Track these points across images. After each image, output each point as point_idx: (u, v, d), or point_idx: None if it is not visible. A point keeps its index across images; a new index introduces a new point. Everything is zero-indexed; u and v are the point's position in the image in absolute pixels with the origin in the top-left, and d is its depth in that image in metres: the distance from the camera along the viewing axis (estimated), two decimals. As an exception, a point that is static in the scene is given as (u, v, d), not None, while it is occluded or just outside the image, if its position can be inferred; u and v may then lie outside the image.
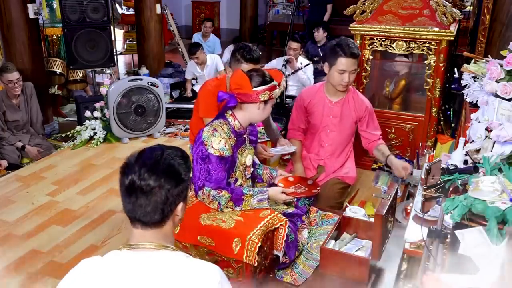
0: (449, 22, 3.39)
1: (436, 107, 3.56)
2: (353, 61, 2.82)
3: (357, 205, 2.92)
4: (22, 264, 2.84)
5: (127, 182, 1.29)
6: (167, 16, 7.31)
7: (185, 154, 1.39)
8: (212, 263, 1.34)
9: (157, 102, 4.72)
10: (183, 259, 1.29)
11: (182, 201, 1.35)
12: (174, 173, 1.32)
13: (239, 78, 2.25)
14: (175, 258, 1.29)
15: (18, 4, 4.63)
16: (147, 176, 1.27)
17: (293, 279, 2.38)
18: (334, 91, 2.99)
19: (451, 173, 1.68)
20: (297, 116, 3.13)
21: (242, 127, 2.34)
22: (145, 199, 1.28)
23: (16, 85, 4.31)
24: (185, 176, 1.34)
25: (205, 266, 1.30)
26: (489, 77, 2.00)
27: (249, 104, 2.28)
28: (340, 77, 2.86)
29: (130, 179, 1.28)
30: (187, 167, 1.36)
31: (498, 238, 1.35)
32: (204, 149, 2.23)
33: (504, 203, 1.40)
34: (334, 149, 3.08)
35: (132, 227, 1.34)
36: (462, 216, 1.45)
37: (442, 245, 1.74)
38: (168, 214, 1.32)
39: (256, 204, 2.31)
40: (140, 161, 1.30)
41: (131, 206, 1.30)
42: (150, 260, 1.27)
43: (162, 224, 1.32)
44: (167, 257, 1.29)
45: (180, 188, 1.32)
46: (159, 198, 1.29)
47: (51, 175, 3.96)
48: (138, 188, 1.27)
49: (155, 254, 1.29)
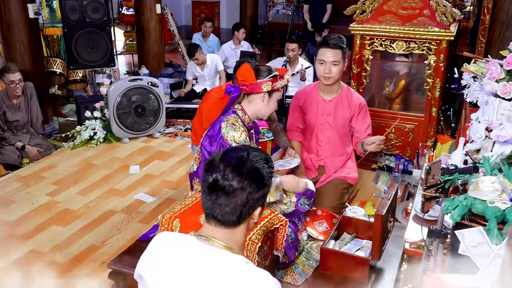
0: (449, 22, 3.39)
1: (436, 107, 3.56)
2: (333, 51, 2.82)
3: (357, 205, 2.92)
4: (22, 264, 2.84)
5: (210, 180, 1.30)
6: (167, 16, 7.32)
7: (269, 159, 1.39)
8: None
9: (157, 102, 4.73)
10: (242, 264, 1.28)
11: (261, 205, 1.36)
12: (258, 176, 1.32)
13: (243, 70, 2.39)
14: (235, 261, 1.29)
15: (18, 4, 4.63)
16: (231, 177, 1.28)
17: (293, 279, 2.38)
18: (327, 89, 2.99)
19: (451, 173, 1.68)
20: (294, 116, 3.13)
21: (251, 121, 2.46)
22: (226, 198, 1.29)
23: (17, 85, 4.32)
24: (267, 181, 1.35)
25: (261, 276, 1.28)
26: (489, 77, 2.00)
27: (255, 96, 2.41)
28: (321, 68, 2.87)
29: (214, 178, 1.29)
30: (270, 172, 1.37)
31: (498, 238, 1.35)
32: (226, 144, 2.30)
33: (504, 203, 1.40)
34: (332, 148, 3.07)
35: (206, 222, 1.36)
36: (462, 216, 1.45)
37: (442, 245, 1.74)
38: (245, 216, 1.33)
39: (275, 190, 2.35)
40: (225, 160, 1.31)
41: (211, 204, 1.31)
42: (212, 256, 1.29)
43: (237, 225, 1.33)
44: (228, 258, 1.29)
45: (262, 193, 1.33)
46: (240, 200, 1.29)
47: (51, 175, 3.96)
48: (221, 188, 1.28)
49: (219, 252, 1.30)
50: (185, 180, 3.78)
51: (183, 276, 1.28)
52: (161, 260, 1.33)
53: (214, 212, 1.31)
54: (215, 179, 1.29)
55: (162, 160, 4.30)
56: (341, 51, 2.84)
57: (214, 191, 1.30)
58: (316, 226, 2.66)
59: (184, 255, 1.30)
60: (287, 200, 2.57)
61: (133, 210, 3.44)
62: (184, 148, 4.55)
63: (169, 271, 1.30)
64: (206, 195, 1.32)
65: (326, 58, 2.83)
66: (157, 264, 1.33)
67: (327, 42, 2.84)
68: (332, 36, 2.88)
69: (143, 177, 3.97)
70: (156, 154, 4.45)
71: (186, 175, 3.72)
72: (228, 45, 6.67)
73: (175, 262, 1.30)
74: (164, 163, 4.25)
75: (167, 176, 3.99)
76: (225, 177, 1.28)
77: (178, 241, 1.35)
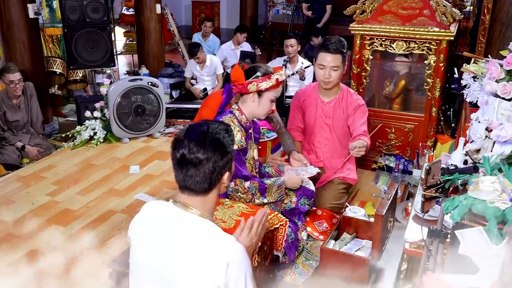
0: (449, 22, 3.39)
1: (436, 107, 3.56)
2: (333, 56, 2.81)
3: (357, 205, 2.92)
4: (22, 264, 2.84)
5: (178, 155, 1.44)
6: (167, 16, 7.31)
7: (228, 128, 1.54)
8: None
9: (157, 102, 4.72)
10: (208, 227, 1.45)
11: (228, 170, 1.51)
12: (220, 146, 1.46)
13: (234, 71, 2.44)
14: (204, 224, 1.45)
15: (18, 4, 4.63)
16: (195, 150, 1.42)
17: (293, 279, 2.38)
18: (326, 91, 2.99)
19: (451, 173, 1.68)
20: (294, 116, 3.13)
21: (248, 121, 2.46)
22: (195, 170, 1.44)
23: (17, 85, 4.31)
24: (229, 148, 1.49)
25: (226, 238, 1.43)
26: (489, 77, 2.00)
27: (246, 96, 2.44)
28: (321, 73, 2.86)
29: (181, 153, 1.43)
30: (231, 140, 1.52)
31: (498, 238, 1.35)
32: None
33: (504, 203, 1.40)
34: (331, 149, 3.07)
35: (180, 192, 1.50)
36: (462, 216, 1.45)
37: (442, 245, 1.74)
38: (215, 182, 1.48)
39: (276, 191, 2.42)
40: (188, 136, 1.45)
41: (182, 177, 1.46)
42: (185, 220, 1.46)
43: (209, 191, 1.48)
44: (197, 221, 1.45)
45: (226, 159, 1.48)
46: (207, 169, 1.44)
47: (51, 175, 3.96)
48: (188, 161, 1.43)
49: (190, 216, 1.46)
50: (185, 180, 3.78)
51: (159, 235, 1.46)
52: (142, 222, 1.54)
53: (186, 183, 1.46)
54: (182, 154, 1.43)
55: (162, 160, 4.30)
56: (341, 55, 2.83)
57: (183, 165, 1.44)
58: (316, 226, 2.66)
59: (161, 219, 1.50)
60: (288, 200, 2.58)
61: (133, 210, 3.44)
62: (184, 148, 4.55)
63: (148, 231, 1.50)
64: (177, 170, 1.47)
65: (326, 63, 2.82)
66: (139, 225, 1.54)
67: (327, 47, 2.81)
68: (332, 40, 2.85)
69: (143, 177, 3.97)
70: (156, 154, 4.45)
71: (186, 175, 3.72)
72: (227, 45, 6.67)
73: (154, 224, 1.50)
74: (164, 163, 4.25)
75: (167, 176, 3.99)
76: (191, 151, 1.42)
77: (158, 207, 1.55)
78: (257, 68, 2.44)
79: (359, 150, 2.71)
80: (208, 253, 1.38)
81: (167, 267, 1.43)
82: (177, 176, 1.48)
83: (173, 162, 1.48)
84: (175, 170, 1.48)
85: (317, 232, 2.62)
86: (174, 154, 1.46)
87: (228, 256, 1.37)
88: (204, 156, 1.43)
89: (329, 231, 2.55)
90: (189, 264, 1.40)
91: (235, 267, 1.36)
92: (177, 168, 1.46)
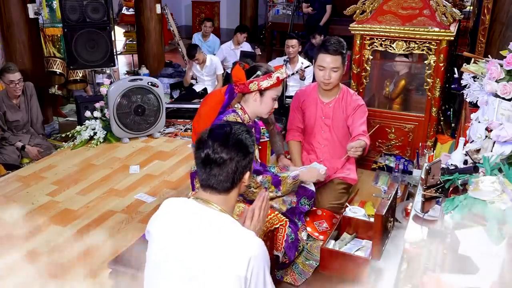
0: (449, 22, 3.39)
1: (436, 107, 3.56)
2: (333, 57, 2.80)
3: (357, 205, 2.92)
4: (22, 264, 2.84)
5: (203, 155, 1.51)
6: (167, 16, 7.31)
7: (250, 130, 1.62)
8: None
9: (157, 102, 4.72)
10: (230, 223, 1.50)
11: (249, 170, 1.58)
12: (242, 146, 1.54)
13: (235, 71, 2.45)
14: (225, 220, 1.51)
15: (18, 4, 4.63)
16: (219, 150, 1.49)
17: (293, 279, 2.38)
18: (326, 92, 2.99)
19: (451, 173, 1.68)
20: (294, 116, 3.13)
21: (251, 120, 2.47)
22: (219, 169, 1.50)
23: (17, 85, 4.32)
24: (251, 149, 1.57)
25: (247, 234, 1.49)
26: (489, 77, 2.00)
27: (248, 96, 2.46)
28: (321, 74, 2.86)
29: (206, 153, 1.50)
30: (252, 141, 1.59)
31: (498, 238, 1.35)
32: None
33: (504, 203, 1.40)
34: (331, 150, 3.07)
35: (202, 190, 1.57)
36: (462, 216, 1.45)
37: (442, 245, 1.74)
38: (237, 181, 1.55)
39: (292, 183, 2.45)
40: (212, 137, 1.52)
41: (206, 176, 1.52)
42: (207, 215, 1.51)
43: (231, 190, 1.55)
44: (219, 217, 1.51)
45: (248, 159, 1.55)
46: (230, 169, 1.51)
47: (51, 175, 3.96)
48: (213, 161, 1.50)
49: (212, 212, 1.52)
50: (185, 180, 3.78)
51: (181, 228, 1.50)
52: (164, 216, 1.58)
53: (210, 182, 1.52)
54: (207, 154, 1.50)
55: (162, 160, 4.30)
56: (341, 56, 2.83)
57: (207, 165, 1.51)
58: (316, 226, 2.66)
59: (183, 213, 1.54)
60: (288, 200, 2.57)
61: (133, 210, 3.44)
62: (184, 148, 4.55)
63: (169, 224, 1.54)
64: (200, 169, 1.53)
65: (326, 64, 2.82)
66: (160, 219, 1.57)
67: (327, 48, 2.81)
68: (332, 41, 2.84)
69: (143, 177, 3.97)
70: (156, 154, 4.45)
71: (186, 175, 3.72)
72: (227, 45, 6.67)
73: (175, 218, 1.54)
74: (164, 163, 4.25)
75: (167, 176, 3.99)
76: (215, 151, 1.49)
77: (179, 203, 1.59)
78: (258, 67, 2.45)
79: (355, 150, 2.71)
80: (230, 247, 1.44)
81: (188, 260, 1.47)
82: (200, 175, 1.55)
83: (196, 161, 1.55)
84: (198, 169, 1.55)
85: (317, 232, 2.62)
86: (198, 154, 1.53)
87: (250, 251, 1.43)
88: (227, 156, 1.49)
89: (329, 231, 2.55)
90: (211, 257, 1.44)
91: (256, 261, 1.43)
92: (201, 167, 1.53)
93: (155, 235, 1.56)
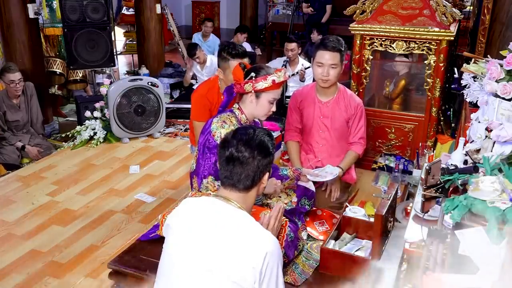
0: (449, 22, 3.39)
1: (436, 107, 3.56)
2: (331, 54, 2.81)
3: (357, 205, 2.92)
4: (22, 264, 2.84)
5: (227, 153, 1.61)
6: (167, 16, 7.31)
7: (270, 133, 1.72)
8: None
9: (157, 102, 4.73)
10: (249, 222, 1.57)
11: (268, 171, 1.67)
12: (264, 147, 1.63)
13: (235, 71, 2.43)
14: (244, 217, 1.57)
15: (18, 4, 4.63)
16: (243, 149, 1.60)
17: (293, 279, 2.38)
18: (324, 91, 2.98)
19: (451, 173, 1.68)
20: (292, 116, 3.13)
21: (248, 121, 2.44)
22: (241, 167, 1.60)
23: (17, 85, 4.32)
24: (272, 151, 1.67)
25: (264, 233, 1.55)
26: (489, 77, 1.99)
27: (245, 96, 2.43)
28: (319, 71, 2.86)
29: (230, 151, 1.60)
30: (272, 144, 1.69)
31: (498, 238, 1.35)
32: (212, 139, 2.30)
33: (504, 203, 1.40)
34: (330, 149, 3.07)
35: (223, 188, 1.65)
36: (462, 216, 1.44)
37: (442, 245, 1.74)
38: (257, 181, 1.64)
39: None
40: (236, 137, 1.63)
41: (229, 173, 1.61)
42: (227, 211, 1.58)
43: (250, 189, 1.64)
44: (239, 214, 1.58)
45: (268, 160, 1.65)
46: (252, 167, 1.60)
47: (51, 175, 3.96)
48: (236, 159, 1.59)
49: (232, 209, 1.59)
50: (185, 180, 3.78)
51: (200, 222, 1.57)
52: (184, 211, 1.64)
53: (231, 179, 1.61)
54: (231, 153, 1.60)
55: (162, 160, 4.30)
56: (340, 54, 2.83)
57: (230, 162, 1.60)
58: (316, 226, 2.66)
59: (203, 208, 1.61)
60: (288, 200, 2.58)
61: (133, 210, 3.44)
62: (184, 148, 4.55)
63: (189, 218, 1.60)
64: (223, 167, 1.62)
65: (324, 61, 2.82)
66: (181, 214, 1.64)
67: (326, 45, 2.82)
68: (330, 38, 2.85)
69: (143, 177, 3.97)
70: (156, 154, 4.45)
71: (186, 175, 3.72)
72: None
73: (196, 212, 1.61)
74: (164, 163, 4.25)
75: (167, 176, 3.99)
76: (238, 149, 1.59)
77: (201, 199, 1.66)
78: (258, 68, 2.44)
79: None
80: (248, 241, 1.50)
81: (207, 252, 1.52)
82: (222, 173, 1.63)
83: (220, 160, 1.65)
84: (221, 168, 1.64)
85: (317, 232, 2.62)
86: (222, 152, 1.63)
87: (267, 246, 1.49)
88: (250, 155, 1.59)
89: (329, 231, 2.54)
90: (229, 249, 1.50)
91: (271, 257, 1.49)
92: (224, 165, 1.62)
93: (175, 228, 1.61)
